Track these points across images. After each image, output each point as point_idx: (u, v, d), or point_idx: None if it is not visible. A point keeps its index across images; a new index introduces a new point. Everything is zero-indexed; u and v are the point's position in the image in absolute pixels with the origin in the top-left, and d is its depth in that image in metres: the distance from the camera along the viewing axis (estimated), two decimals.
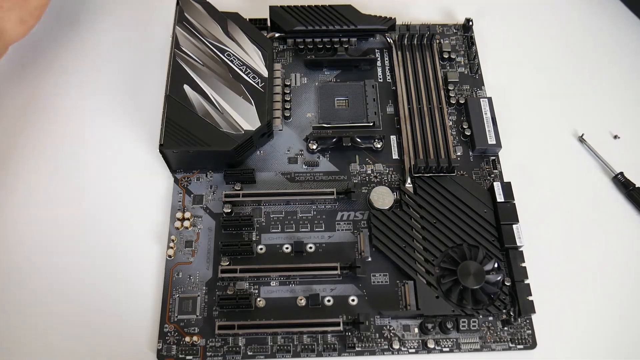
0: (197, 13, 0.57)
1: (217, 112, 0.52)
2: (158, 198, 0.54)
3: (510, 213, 0.52)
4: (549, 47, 0.65)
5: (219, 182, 0.55)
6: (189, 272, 0.51)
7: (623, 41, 0.66)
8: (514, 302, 0.49)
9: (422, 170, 0.54)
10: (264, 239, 0.52)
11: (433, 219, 0.52)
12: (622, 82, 0.63)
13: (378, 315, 0.49)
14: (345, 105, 0.58)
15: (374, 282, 0.51)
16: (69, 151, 0.57)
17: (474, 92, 0.60)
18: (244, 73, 0.55)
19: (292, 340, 0.48)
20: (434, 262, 0.51)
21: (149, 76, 0.60)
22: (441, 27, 0.64)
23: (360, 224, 0.53)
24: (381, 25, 0.61)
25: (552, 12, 0.68)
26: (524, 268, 0.50)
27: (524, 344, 0.49)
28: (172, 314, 0.49)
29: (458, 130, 0.58)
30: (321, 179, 0.55)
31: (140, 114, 0.59)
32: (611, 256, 0.53)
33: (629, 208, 0.56)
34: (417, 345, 0.49)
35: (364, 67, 0.61)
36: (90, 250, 0.52)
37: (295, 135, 0.57)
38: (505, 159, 0.57)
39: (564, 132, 0.60)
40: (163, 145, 0.51)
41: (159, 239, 0.53)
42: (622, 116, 0.61)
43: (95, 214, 0.54)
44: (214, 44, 0.55)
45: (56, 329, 0.49)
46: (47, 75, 0.61)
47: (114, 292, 0.50)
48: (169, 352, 0.48)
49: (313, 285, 0.50)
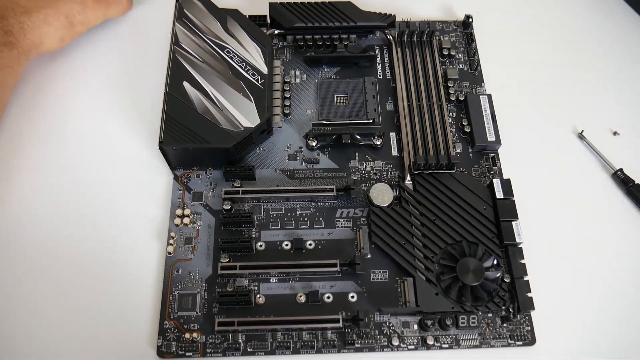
0: (197, 10, 0.57)
1: (216, 109, 0.52)
2: (158, 195, 0.54)
3: (510, 210, 0.52)
4: (549, 44, 0.65)
5: (219, 179, 0.55)
6: (189, 268, 0.51)
7: (622, 37, 0.66)
8: (513, 299, 0.49)
9: (421, 167, 0.54)
10: (264, 236, 0.52)
11: (432, 216, 0.52)
12: (621, 78, 0.63)
13: (377, 312, 0.49)
14: (344, 102, 0.58)
15: (373, 279, 0.51)
16: (68, 148, 0.57)
17: (473, 89, 0.60)
18: (244, 70, 0.55)
19: (292, 336, 0.48)
20: (433, 258, 0.51)
21: (148, 73, 0.60)
22: (441, 24, 0.64)
23: (360, 220, 0.53)
24: (381, 22, 0.60)
25: (551, 8, 0.68)
26: (523, 265, 0.50)
27: (523, 340, 0.49)
28: (172, 310, 0.49)
29: (457, 127, 0.58)
30: (321, 176, 0.55)
31: (140, 111, 0.59)
32: (610, 253, 0.53)
33: (629, 204, 0.56)
34: (416, 341, 0.49)
35: (364, 64, 0.61)
36: (90, 247, 0.52)
37: (294, 132, 0.57)
38: (505, 156, 0.57)
39: (564, 128, 0.60)
40: (163, 142, 0.51)
41: (159, 235, 0.53)
42: (622, 113, 0.61)
43: (95, 211, 0.54)
44: (214, 41, 0.55)
45: (56, 326, 0.49)
46: (47, 73, 0.60)
47: (114, 288, 0.51)
48: (168, 349, 0.48)
49: (312, 282, 0.50)
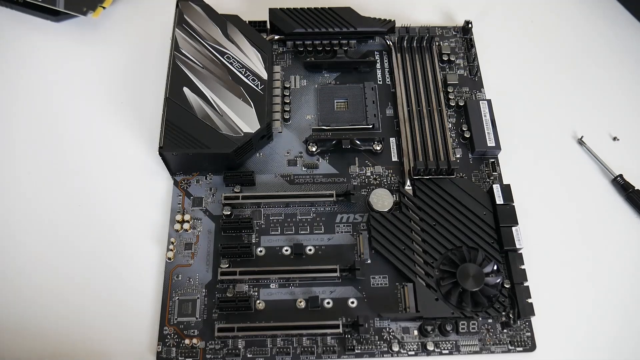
0: (197, 15, 0.57)
1: (216, 114, 0.52)
2: (158, 200, 0.54)
3: (510, 215, 0.52)
4: (548, 49, 0.65)
5: (219, 184, 0.55)
6: (189, 274, 0.51)
7: (622, 43, 0.66)
8: (513, 305, 0.49)
9: (421, 173, 0.54)
10: (264, 241, 0.52)
11: (432, 221, 0.52)
12: (621, 84, 0.63)
13: (377, 318, 0.49)
14: (344, 107, 0.58)
15: (373, 285, 0.51)
16: (69, 153, 0.57)
17: (473, 95, 0.60)
18: (244, 75, 0.55)
19: (292, 342, 0.48)
20: (433, 264, 0.51)
21: (148, 79, 0.60)
22: (440, 30, 0.64)
23: (360, 226, 0.53)
24: (380, 27, 0.61)
25: (551, 14, 0.68)
26: (523, 270, 0.50)
27: (523, 346, 0.49)
28: (171, 316, 0.49)
29: (457, 132, 0.58)
30: (320, 181, 0.55)
31: (140, 117, 0.59)
32: (610, 258, 0.53)
33: (629, 210, 0.56)
34: (416, 347, 0.49)
35: (364, 70, 0.61)
36: (90, 253, 0.52)
37: (294, 137, 0.57)
38: (505, 161, 0.57)
39: (564, 134, 0.60)
40: (163, 147, 0.51)
41: (159, 241, 0.53)
42: (622, 118, 0.61)
43: (95, 217, 0.54)
44: (214, 47, 0.55)
45: (56, 332, 0.49)
46: (48, 77, 0.61)
47: (113, 294, 0.50)
48: (168, 355, 0.48)
49: (312, 288, 0.50)
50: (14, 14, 0.64)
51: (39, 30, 0.63)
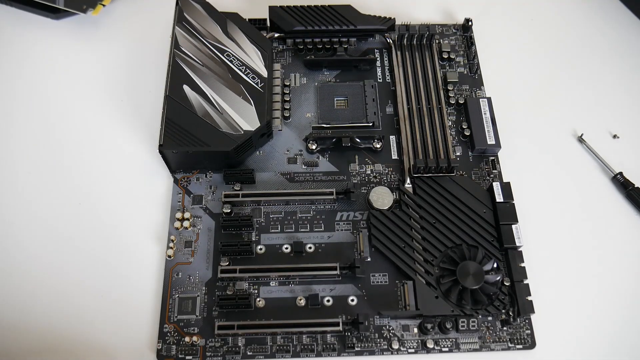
0: (197, 13, 0.57)
1: (216, 112, 0.52)
2: (158, 198, 0.54)
3: (510, 213, 0.52)
4: (548, 47, 0.65)
5: (219, 182, 0.55)
6: (189, 272, 0.51)
7: (622, 41, 0.66)
8: (513, 302, 0.49)
9: (421, 171, 0.54)
10: (264, 239, 0.52)
11: (432, 219, 0.52)
12: (621, 81, 0.63)
13: (377, 315, 0.49)
14: (344, 105, 0.58)
15: (373, 282, 0.51)
16: (68, 151, 0.57)
17: (473, 92, 0.60)
18: (244, 73, 0.55)
19: (292, 340, 0.48)
20: (433, 262, 0.51)
21: (148, 76, 0.60)
22: (440, 27, 0.64)
23: (360, 224, 0.53)
24: (380, 25, 0.61)
25: (551, 12, 0.68)
26: (523, 268, 0.50)
27: (523, 344, 0.49)
28: (171, 314, 0.49)
29: (457, 130, 0.58)
30: (320, 179, 0.55)
31: (140, 115, 0.59)
32: (610, 256, 0.53)
33: (628, 208, 0.56)
34: (416, 345, 0.49)
35: (364, 67, 0.61)
36: (90, 251, 0.52)
37: (294, 135, 0.57)
38: (505, 159, 0.57)
39: (564, 132, 0.60)
40: (163, 145, 0.51)
41: (159, 239, 0.53)
42: (622, 116, 0.61)
43: (95, 214, 0.54)
44: (214, 44, 0.55)
45: (56, 329, 0.49)
46: (47, 75, 0.61)
47: (113, 292, 0.51)
48: (168, 352, 0.48)
49: (312, 286, 0.50)
50: (13, 12, 0.64)
51: (39, 27, 0.63)
